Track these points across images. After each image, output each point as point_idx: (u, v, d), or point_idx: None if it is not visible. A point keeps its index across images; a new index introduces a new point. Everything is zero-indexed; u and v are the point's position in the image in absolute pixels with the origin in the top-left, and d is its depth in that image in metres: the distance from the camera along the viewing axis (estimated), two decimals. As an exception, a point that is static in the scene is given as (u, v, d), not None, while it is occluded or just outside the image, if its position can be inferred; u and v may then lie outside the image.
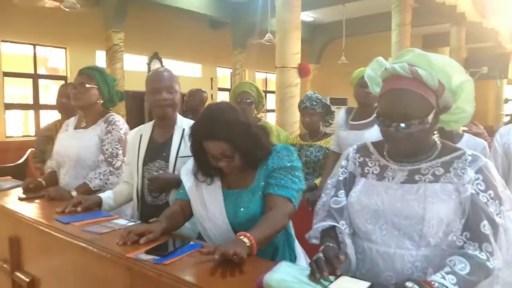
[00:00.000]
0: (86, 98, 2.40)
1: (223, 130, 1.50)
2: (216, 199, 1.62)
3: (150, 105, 2.08)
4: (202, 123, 1.56)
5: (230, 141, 1.51)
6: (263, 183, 1.58)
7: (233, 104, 1.71)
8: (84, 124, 2.47)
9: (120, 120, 2.43)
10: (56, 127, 3.09)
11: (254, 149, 1.56)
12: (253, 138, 1.57)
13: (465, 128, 2.57)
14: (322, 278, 1.09)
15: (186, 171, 1.75)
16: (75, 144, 2.40)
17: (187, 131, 2.05)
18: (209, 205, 1.62)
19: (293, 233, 1.73)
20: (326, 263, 1.12)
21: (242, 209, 1.56)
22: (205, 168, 1.64)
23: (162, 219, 1.61)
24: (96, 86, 2.41)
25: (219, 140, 1.51)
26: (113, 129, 2.37)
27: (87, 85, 2.38)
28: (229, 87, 12.34)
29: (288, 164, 1.58)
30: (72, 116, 3.03)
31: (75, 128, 2.50)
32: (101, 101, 2.46)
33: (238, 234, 1.35)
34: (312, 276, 1.11)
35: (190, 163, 1.76)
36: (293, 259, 1.67)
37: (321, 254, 1.16)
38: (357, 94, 2.80)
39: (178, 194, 1.77)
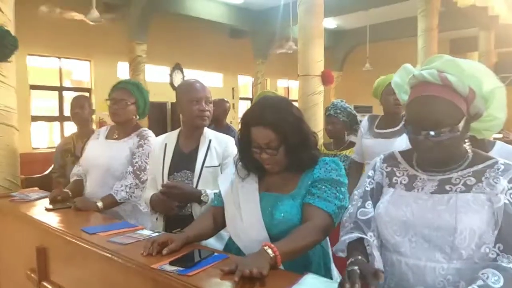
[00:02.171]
0: (125, 114, 2.47)
1: (274, 117, 1.48)
2: (251, 200, 1.56)
3: (188, 115, 2.08)
4: (255, 109, 1.55)
5: (279, 130, 1.48)
6: (304, 192, 1.52)
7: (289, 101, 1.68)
8: (117, 136, 2.52)
9: (152, 136, 2.48)
10: (73, 140, 3.16)
11: (300, 147, 1.51)
12: (302, 135, 1.53)
13: (499, 136, 2.50)
14: None
15: (223, 177, 1.74)
16: (106, 154, 2.45)
17: (213, 143, 2.06)
18: (243, 205, 1.57)
19: (330, 252, 1.63)
20: (360, 277, 1.07)
21: (282, 214, 1.49)
22: (246, 161, 1.61)
23: (186, 230, 1.60)
24: (135, 102, 2.48)
25: (268, 126, 1.48)
26: (145, 143, 2.41)
27: (128, 103, 2.45)
28: (251, 96, 12.37)
29: (336, 178, 1.52)
30: (86, 126, 3.10)
31: (107, 138, 2.55)
32: (137, 117, 2.54)
33: (263, 244, 1.32)
34: (341, 286, 1.06)
35: (228, 171, 1.75)
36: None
37: (356, 267, 1.10)
38: (386, 102, 2.73)
39: (214, 201, 1.77)
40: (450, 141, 1.18)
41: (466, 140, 1.25)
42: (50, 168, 4.10)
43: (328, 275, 1.57)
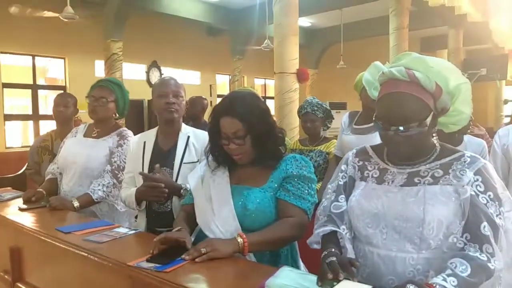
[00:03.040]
0: (104, 111, 2.46)
1: (241, 108, 1.54)
2: (223, 192, 1.60)
3: (157, 109, 2.09)
4: (223, 101, 1.62)
5: (245, 121, 1.53)
6: (276, 185, 1.57)
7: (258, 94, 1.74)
8: (95, 134, 2.50)
9: (132, 136, 2.46)
10: (51, 138, 3.09)
11: (266, 138, 1.57)
12: (268, 126, 1.59)
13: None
14: (331, 280, 1.09)
15: (193, 173, 1.76)
16: (84, 152, 2.43)
17: (192, 139, 2.07)
18: (215, 197, 1.60)
19: (297, 246, 1.70)
20: (339, 267, 1.12)
21: (255, 205, 1.52)
22: (216, 153, 1.65)
23: (180, 226, 1.59)
24: (114, 100, 2.48)
25: (234, 117, 1.53)
26: (124, 143, 2.41)
27: (108, 99, 2.45)
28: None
29: (307, 175, 1.59)
30: (68, 125, 3.04)
31: (85, 136, 2.53)
32: (116, 115, 2.53)
33: (238, 233, 1.43)
34: (322, 277, 1.11)
35: (198, 167, 1.77)
36: None
37: (334, 258, 1.16)
38: (367, 98, 2.74)
39: (184, 200, 1.78)
40: (419, 136, 1.22)
41: (433, 134, 1.30)
42: (24, 168, 4.02)
43: (295, 266, 1.62)
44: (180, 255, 1.40)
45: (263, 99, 1.72)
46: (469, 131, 2.61)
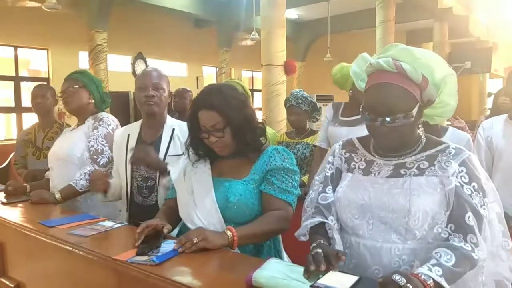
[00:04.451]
0: (75, 100, 2.40)
1: (218, 100, 1.53)
2: (204, 184, 1.59)
3: (137, 102, 2.07)
4: (200, 94, 1.61)
5: (223, 113, 1.52)
6: (258, 177, 1.57)
7: (235, 86, 1.72)
8: (76, 126, 2.48)
9: (109, 117, 2.41)
10: (35, 130, 3.03)
11: (245, 128, 1.56)
12: (246, 117, 1.58)
13: (448, 122, 2.59)
14: (317, 272, 1.09)
15: (176, 166, 1.76)
16: (64, 145, 2.40)
17: (177, 132, 2.05)
18: (196, 190, 1.60)
19: (280, 237, 1.71)
20: (324, 258, 1.12)
21: (236, 197, 1.53)
22: (196, 146, 1.64)
23: (158, 217, 1.61)
24: (83, 86, 2.41)
25: (212, 109, 1.52)
26: (100, 125, 2.35)
27: (74, 86, 2.38)
28: (215, 86, 12.29)
29: (291, 167, 1.59)
30: (49, 117, 3.00)
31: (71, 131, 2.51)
32: (92, 101, 2.45)
33: (226, 227, 1.43)
34: (306, 269, 1.11)
35: (181, 161, 1.76)
36: None
37: (320, 250, 1.16)
38: (359, 92, 2.67)
39: (167, 194, 1.78)
40: (405, 127, 1.23)
41: (419, 126, 1.30)
42: (7, 161, 3.95)
43: (278, 257, 1.63)
44: (159, 240, 1.43)
45: (249, 90, 1.69)
46: (449, 123, 2.63)
